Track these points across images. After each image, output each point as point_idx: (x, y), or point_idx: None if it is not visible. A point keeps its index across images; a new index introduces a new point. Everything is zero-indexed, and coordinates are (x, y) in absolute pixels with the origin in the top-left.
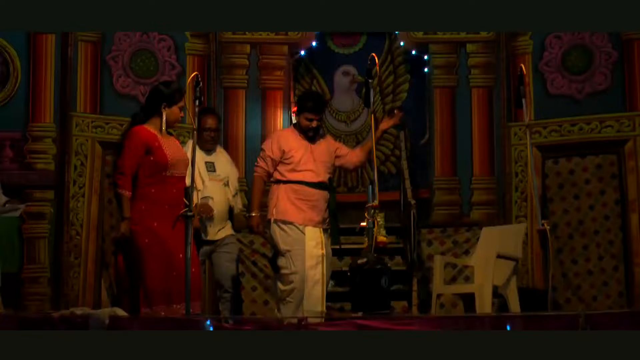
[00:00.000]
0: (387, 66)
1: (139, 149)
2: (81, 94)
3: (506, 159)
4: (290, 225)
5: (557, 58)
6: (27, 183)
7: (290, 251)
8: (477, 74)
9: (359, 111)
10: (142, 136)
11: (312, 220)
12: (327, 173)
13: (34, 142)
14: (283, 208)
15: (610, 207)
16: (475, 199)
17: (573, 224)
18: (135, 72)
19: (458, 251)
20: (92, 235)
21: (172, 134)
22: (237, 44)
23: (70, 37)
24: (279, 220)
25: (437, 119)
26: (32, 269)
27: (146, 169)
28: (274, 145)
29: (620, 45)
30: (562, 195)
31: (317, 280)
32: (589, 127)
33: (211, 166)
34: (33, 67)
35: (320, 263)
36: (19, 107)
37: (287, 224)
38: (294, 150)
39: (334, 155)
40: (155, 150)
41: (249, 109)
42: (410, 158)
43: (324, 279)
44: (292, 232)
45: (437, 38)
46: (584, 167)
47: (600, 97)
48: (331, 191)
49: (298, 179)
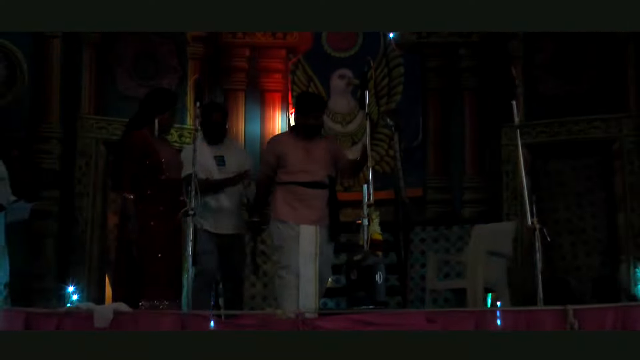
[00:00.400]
0: (382, 69)
1: (136, 154)
2: (86, 96)
3: (497, 159)
4: (285, 223)
5: (546, 61)
6: (33, 182)
7: (283, 247)
8: (469, 76)
9: (354, 113)
10: (138, 141)
11: (307, 219)
12: (325, 171)
13: (40, 142)
14: (279, 208)
15: (598, 205)
16: (467, 197)
17: (561, 222)
18: (138, 75)
19: (450, 248)
20: (96, 233)
21: (167, 139)
22: (237, 48)
23: (75, 41)
24: (276, 219)
25: (430, 120)
26: (38, 265)
27: (142, 172)
28: (269, 151)
29: (607, 49)
30: (551, 193)
31: (309, 278)
32: (577, 128)
33: (221, 160)
34: (39, 70)
35: (312, 261)
36: (25, 109)
37: (283, 223)
38: (289, 153)
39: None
40: (151, 154)
41: (249, 110)
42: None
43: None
44: (285, 230)
45: (430, 41)
46: (572, 167)
47: (587, 99)
48: (331, 189)
49: (292, 180)
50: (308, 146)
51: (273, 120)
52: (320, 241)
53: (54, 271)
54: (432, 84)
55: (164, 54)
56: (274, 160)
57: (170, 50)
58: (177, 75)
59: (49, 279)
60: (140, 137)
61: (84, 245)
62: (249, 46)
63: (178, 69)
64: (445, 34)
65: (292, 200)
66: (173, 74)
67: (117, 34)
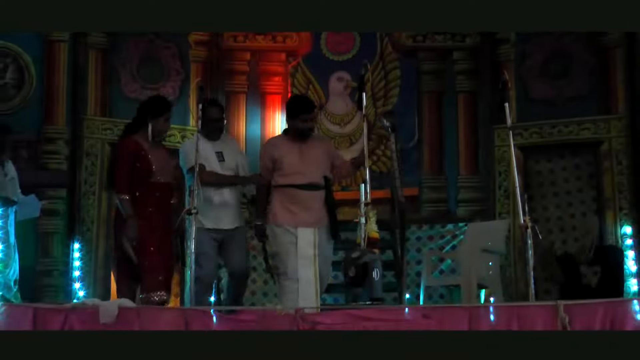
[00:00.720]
0: (378, 72)
1: (128, 157)
2: (92, 99)
3: (490, 159)
4: (282, 228)
5: (538, 65)
6: (41, 182)
7: (280, 253)
8: (463, 79)
9: (352, 114)
10: (130, 146)
11: (304, 222)
12: (321, 173)
13: (48, 143)
14: (276, 212)
15: (587, 204)
16: (461, 196)
17: (552, 220)
18: (143, 78)
19: (445, 245)
20: (101, 231)
21: (162, 144)
22: (238, 52)
23: (81, 45)
24: (273, 224)
25: (425, 121)
26: (46, 262)
27: (133, 174)
28: (265, 155)
29: (596, 53)
30: (543, 193)
31: (309, 280)
32: (567, 129)
33: (220, 156)
34: (47, 73)
35: (312, 263)
36: (33, 111)
37: (279, 227)
38: (283, 156)
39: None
40: (142, 158)
41: (249, 112)
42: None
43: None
44: (282, 235)
45: (425, 46)
46: (563, 167)
47: (577, 102)
48: (328, 189)
49: (287, 183)
50: (303, 148)
51: (273, 122)
52: (320, 242)
53: (61, 268)
54: (427, 87)
55: (167, 58)
56: (270, 163)
57: (174, 54)
58: (180, 78)
59: (56, 276)
60: (131, 141)
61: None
62: (249, 50)
63: (181, 72)
64: (440, 39)
65: (289, 203)
66: (176, 76)
67: (122, 39)
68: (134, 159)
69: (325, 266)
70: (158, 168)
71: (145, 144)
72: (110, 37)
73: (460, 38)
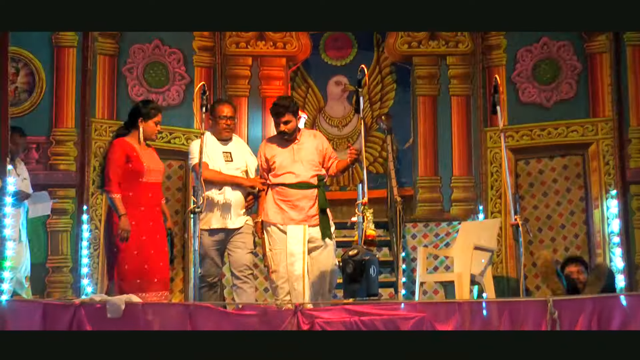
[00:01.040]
0: (375, 76)
1: (119, 159)
2: (100, 102)
3: (482, 160)
4: (273, 226)
5: (528, 70)
6: (51, 182)
7: (271, 251)
8: (457, 83)
9: (349, 117)
10: (121, 147)
11: (293, 220)
12: (312, 171)
13: (57, 145)
14: (267, 210)
15: (576, 203)
16: (454, 196)
17: (542, 219)
18: (148, 82)
19: (439, 243)
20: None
21: (152, 146)
22: (240, 57)
23: (90, 50)
24: (265, 222)
25: (420, 124)
26: (56, 259)
27: (124, 175)
28: (260, 156)
29: (584, 58)
30: (533, 192)
31: (298, 276)
32: (556, 131)
33: (228, 156)
34: (57, 78)
35: (300, 259)
36: (44, 114)
37: (270, 226)
38: (275, 155)
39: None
40: (133, 159)
41: (251, 115)
42: (396, 159)
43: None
44: (273, 233)
45: (420, 51)
46: (552, 168)
47: (566, 105)
48: (320, 188)
49: (279, 182)
50: (295, 148)
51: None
52: (314, 238)
53: (70, 265)
54: (422, 91)
55: (172, 63)
56: (265, 164)
57: (178, 59)
58: (184, 83)
59: (65, 272)
60: (122, 143)
61: (97, 241)
62: (251, 55)
63: (185, 76)
64: (434, 45)
65: (280, 201)
66: (180, 81)
67: (129, 45)
68: (126, 159)
69: (327, 260)
70: (148, 169)
71: (136, 145)
72: (117, 43)
73: (453, 44)
